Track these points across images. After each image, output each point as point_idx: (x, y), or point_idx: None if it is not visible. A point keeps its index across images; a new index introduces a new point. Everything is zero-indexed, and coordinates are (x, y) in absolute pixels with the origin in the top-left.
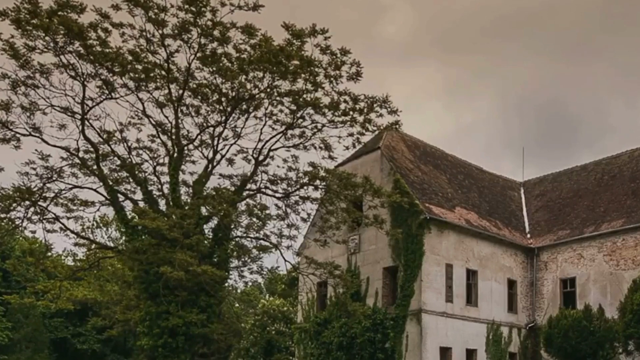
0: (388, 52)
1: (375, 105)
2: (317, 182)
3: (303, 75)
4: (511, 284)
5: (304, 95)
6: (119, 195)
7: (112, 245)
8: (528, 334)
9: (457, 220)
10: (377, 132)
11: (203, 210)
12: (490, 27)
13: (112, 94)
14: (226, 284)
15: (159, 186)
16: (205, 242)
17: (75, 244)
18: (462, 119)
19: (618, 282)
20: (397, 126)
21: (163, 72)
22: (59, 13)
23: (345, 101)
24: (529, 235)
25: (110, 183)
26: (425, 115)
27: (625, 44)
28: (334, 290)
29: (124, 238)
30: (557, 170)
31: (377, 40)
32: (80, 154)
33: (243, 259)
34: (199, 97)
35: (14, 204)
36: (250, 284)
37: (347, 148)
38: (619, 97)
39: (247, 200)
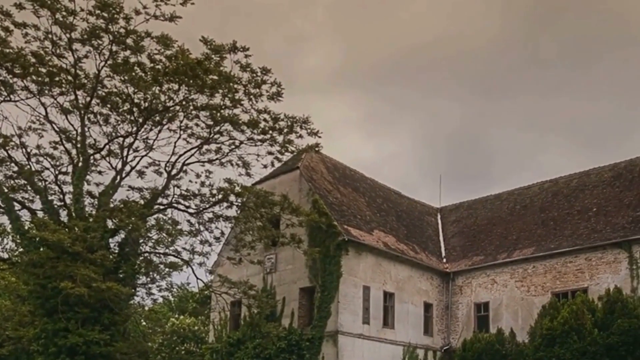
0: (310, 82)
1: (295, 125)
2: (233, 198)
3: (221, 91)
4: (427, 307)
5: (222, 111)
6: (15, 203)
7: (6, 256)
8: (443, 357)
9: (375, 243)
10: (296, 152)
11: (109, 223)
12: (411, 60)
13: (11, 96)
14: (132, 301)
15: (61, 196)
16: (111, 256)
17: None
18: (382, 149)
19: (529, 308)
20: (318, 148)
21: (69, 78)
22: None
23: (265, 120)
24: (445, 260)
25: (6, 190)
26: (346, 144)
27: (536, 85)
28: (248, 310)
29: (19, 250)
30: (472, 198)
31: (299, 70)
32: None
33: (151, 276)
34: (108, 106)
35: None
36: (159, 301)
37: (266, 166)
38: (530, 134)
39: (158, 214)
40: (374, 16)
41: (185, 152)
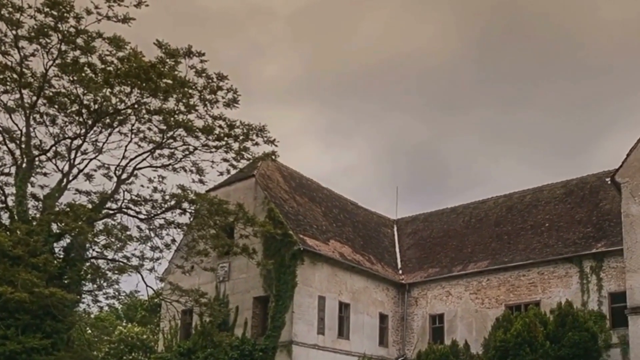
0: (267, 92)
1: (251, 133)
2: (186, 205)
3: (175, 95)
4: (383, 318)
5: (176, 116)
6: None
7: None
8: None
9: (331, 253)
10: (252, 160)
11: (54, 227)
12: (370, 75)
13: None
14: (77, 309)
15: (3, 198)
16: (55, 261)
17: None
18: (340, 160)
19: (483, 320)
20: (274, 156)
21: (15, 76)
22: None
23: (220, 126)
24: (400, 272)
25: None
26: (303, 155)
27: (491, 102)
28: (200, 319)
29: None
30: (429, 211)
31: (257, 80)
32: None
33: (98, 282)
34: (56, 106)
35: None
36: (106, 309)
37: (221, 174)
38: (485, 150)
39: (106, 219)
40: (334, 30)
41: (136, 157)
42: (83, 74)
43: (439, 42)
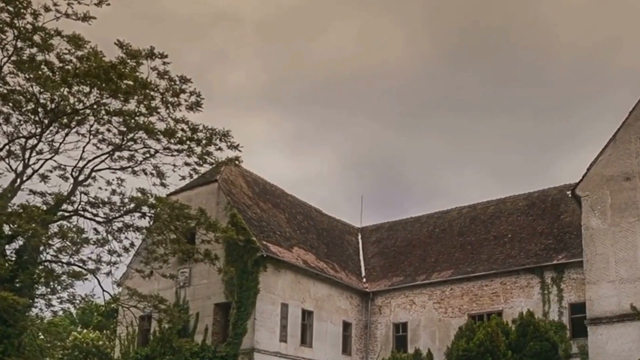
0: (232, 99)
1: (215, 138)
2: (145, 209)
3: (136, 97)
4: (346, 326)
5: (137, 118)
6: None
7: None
8: None
9: (294, 260)
10: (215, 165)
11: (6, 228)
12: (337, 85)
13: None
14: (30, 313)
15: None
16: (6, 264)
17: None
18: (305, 168)
19: (446, 329)
20: (238, 161)
21: None
22: None
23: (182, 130)
24: (364, 280)
25: None
26: (268, 163)
27: (457, 116)
28: (159, 325)
29: None
30: (393, 220)
31: (221, 86)
32: None
33: (52, 286)
34: (10, 104)
35: None
36: (60, 313)
37: (183, 178)
38: (450, 163)
39: (62, 221)
40: (301, 39)
41: (94, 158)
42: (40, 72)
43: (406, 53)
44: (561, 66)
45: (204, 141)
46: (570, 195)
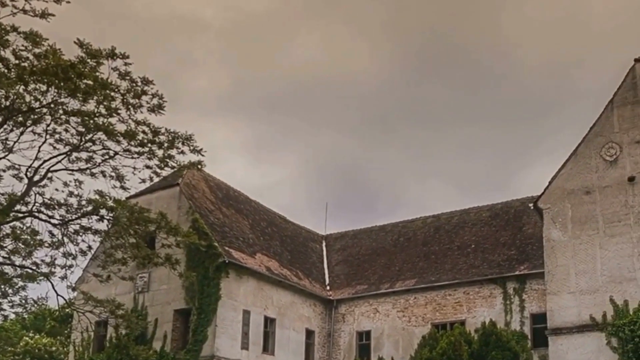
0: (195, 104)
1: (177, 141)
2: (104, 212)
3: (96, 97)
4: (309, 333)
5: (96, 119)
6: None
7: None
8: None
9: (257, 267)
10: (177, 169)
11: None
12: (302, 93)
13: None
14: None
15: None
16: None
17: None
18: (269, 175)
19: (409, 337)
20: (201, 166)
21: None
22: None
23: (144, 132)
24: (328, 287)
25: None
26: (231, 169)
27: (421, 127)
28: (115, 331)
29: None
30: (358, 228)
31: (184, 91)
32: None
33: (3, 289)
34: None
35: None
36: (11, 317)
37: (143, 181)
38: (413, 173)
39: (15, 222)
40: (266, 46)
41: (51, 158)
42: None
43: (370, 63)
44: (523, 80)
45: (165, 144)
46: (532, 208)
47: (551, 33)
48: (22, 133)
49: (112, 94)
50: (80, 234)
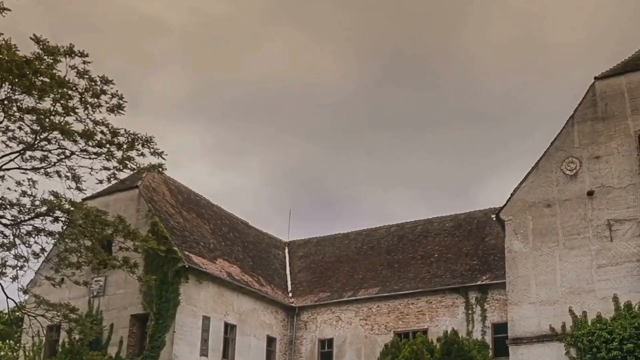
0: (156, 107)
1: (137, 143)
2: (59, 213)
3: (53, 95)
4: (270, 341)
5: (52, 117)
6: None
7: None
8: None
9: (218, 272)
10: (137, 171)
11: None
12: (267, 101)
13: None
14: None
15: None
16: None
17: None
18: (230, 181)
19: (372, 346)
20: (161, 168)
21: None
22: None
23: (102, 132)
24: (290, 294)
25: None
26: (193, 174)
27: (386, 138)
28: (69, 336)
29: None
30: (321, 235)
31: (145, 93)
32: None
33: None
34: None
35: None
36: None
37: (101, 182)
38: (377, 183)
39: None
40: (230, 51)
41: (3, 156)
42: None
43: (335, 72)
44: (486, 90)
45: (125, 145)
46: (494, 219)
47: (511, 52)
48: None
49: (70, 92)
50: (33, 235)
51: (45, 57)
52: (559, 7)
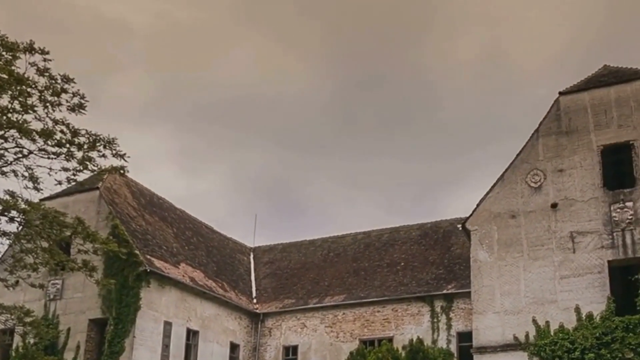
0: (119, 111)
1: (98, 144)
2: (14, 213)
3: (10, 92)
4: (234, 347)
5: (9, 115)
6: None
7: None
8: None
9: (180, 277)
10: (98, 173)
11: None
12: (233, 108)
13: None
14: None
15: None
16: None
17: None
18: (195, 186)
19: (337, 353)
20: (123, 171)
21: None
22: None
23: (62, 132)
24: (255, 301)
25: None
26: (156, 178)
27: (352, 149)
28: (23, 340)
29: None
30: (287, 241)
31: (107, 96)
32: None
33: None
34: None
35: None
36: None
37: (59, 183)
38: (342, 191)
39: None
40: (196, 58)
41: None
42: None
43: (304, 81)
44: (452, 106)
45: (85, 146)
46: (460, 228)
47: (476, 68)
48: None
49: (29, 89)
50: None
51: (4, 53)
52: (524, 23)
